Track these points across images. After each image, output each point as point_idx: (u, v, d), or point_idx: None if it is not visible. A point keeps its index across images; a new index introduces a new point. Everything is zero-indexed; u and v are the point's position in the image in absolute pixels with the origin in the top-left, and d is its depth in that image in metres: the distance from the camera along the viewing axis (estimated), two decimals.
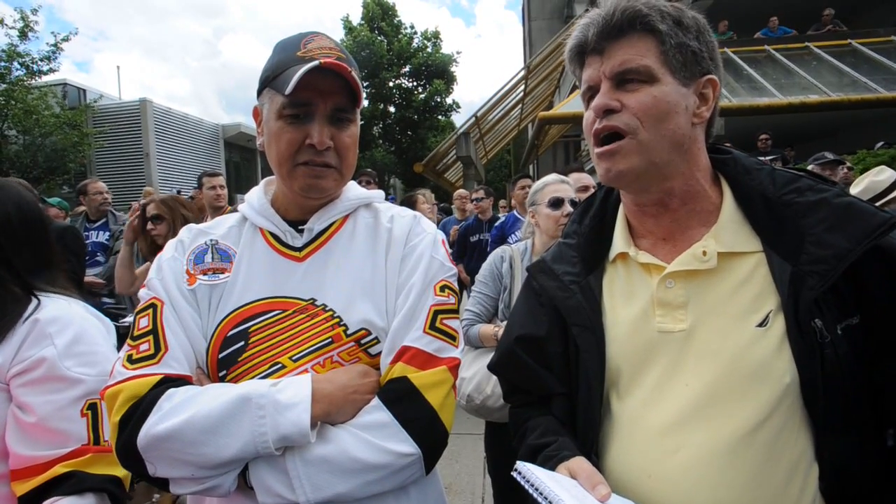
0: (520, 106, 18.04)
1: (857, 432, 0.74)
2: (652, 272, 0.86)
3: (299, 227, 1.01)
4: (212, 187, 3.93)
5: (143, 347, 0.88)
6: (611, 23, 0.81)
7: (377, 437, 0.83)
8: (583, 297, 0.91)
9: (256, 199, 1.06)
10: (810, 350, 0.73)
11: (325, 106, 0.93)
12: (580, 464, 0.80)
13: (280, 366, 0.90)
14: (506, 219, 4.70)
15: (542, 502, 0.68)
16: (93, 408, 1.04)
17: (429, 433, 0.87)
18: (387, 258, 1.00)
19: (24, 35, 12.29)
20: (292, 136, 0.93)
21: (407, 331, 0.92)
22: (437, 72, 25.61)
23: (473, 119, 14.88)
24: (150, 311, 0.91)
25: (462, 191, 6.63)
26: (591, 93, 0.85)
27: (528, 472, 0.72)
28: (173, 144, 17.81)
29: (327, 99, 0.93)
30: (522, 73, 15.12)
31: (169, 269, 0.97)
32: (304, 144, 0.93)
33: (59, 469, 0.97)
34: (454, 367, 0.94)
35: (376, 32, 24.81)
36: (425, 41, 26.13)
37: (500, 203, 8.78)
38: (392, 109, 26.04)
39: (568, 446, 0.85)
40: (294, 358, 0.91)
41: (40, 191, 11.47)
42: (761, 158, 0.97)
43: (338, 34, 22.70)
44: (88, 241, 4.30)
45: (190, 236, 1.03)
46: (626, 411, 0.85)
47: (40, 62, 12.66)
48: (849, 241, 0.73)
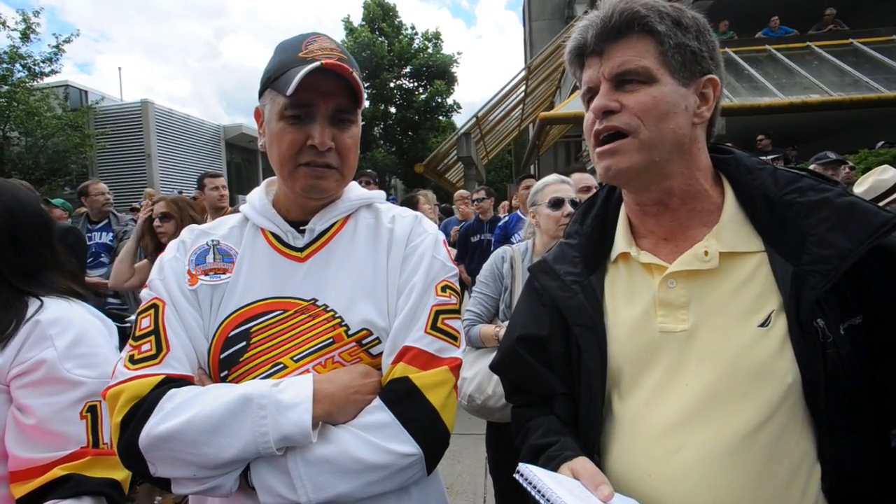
0: (521, 106, 18.05)
1: (860, 433, 0.74)
2: (654, 272, 0.86)
3: (301, 228, 1.01)
4: (214, 188, 3.95)
5: (145, 348, 0.88)
6: (609, 24, 0.81)
7: (378, 437, 0.83)
8: (584, 297, 0.91)
9: (258, 199, 1.06)
10: (812, 350, 0.73)
11: (326, 107, 0.93)
12: (583, 464, 0.80)
13: (281, 366, 0.90)
14: (509, 218, 4.70)
15: None
16: (92, 410, 1.03)
17: (430, 433, 0.87)
18: (388, 258, 1.00)
19: (25, 37, 12.32)
20: (294, 137, 0.93)
21: (408, 331, 0.92)
22: (438, 72, 25.62)
23: (474, 119, 14.90)
24: (152, 311, 0.91)
25: (462, 191, 6.60)
26: (591, 94, 0.86)
27: (530, 474, 0.72)
28: (175, 145, 17.85)
29: (329, 100, 0.93)
30: (523, 73, 15.14)
31: (171, 269, 0.97)
32: (305, 145, 0.94)
33: (58, 472, 0.96)
34: (456, 367, 0.94)
35: (377, 33, 24.85)
36: (426, 42, 26.16)
37: (501, 204, 8.76)
38: (393, 110, 26.07)
39: (570, 446, 0.85)
40: (295, 358, 0.91)
41: (42, 192, 11.49)
42: (763, 158, 0.97)
43: (338, 35, 22.69)
44: (91, 242, 4.31)
45: (192, 237, 1.03)
46: (628, 411, 0.85)
47: (42, 64, 12.69)
48: (851, 241, 0.73)
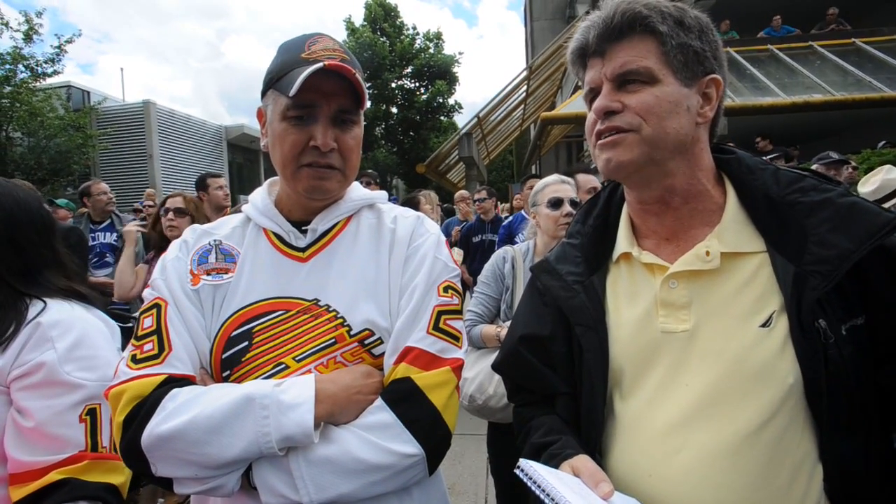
0: (522, 106, 18.03)
1: (862, 433, 0.74)
2: (655, 272, 0.86)
3: (303, 228, 1.01)
4: (219, 187, 3.98)
5: (147, 347, 0.88)
6: (611, 25, 0.81)
7: (380, 437, 0.83)
8: (586, 296, 0.91)
9: (260, 199, 1.06)
10: (814, 350, 0.73)
11: (328, 107, 0.93)
12: (584, 462, 0.80)
13: (284, 366, 0.90)
14: (513, 218, 4.70)
15: (544, 499, 0.68)
16: (92, 413, 1.02)
17: (432, 434, 0.87)
18: (390, 259, 1.00)
19: (28, 38, 12.35)
20: (296, 138, 0.93)
21: (410, 331, 0.92)
22: (440, 72, 25.61)
23: (476, 120, 14.90)
24: (154, 311, 0.92)
25: (463, 192, 6.59)
26: (594, 94, 0.86)
27: (531, 470, 0.72)
28: (177, 146, 17.86)
29: (331, 100, 0.93)
30: (524, 73, 15.12)
31: (173, 269, 0.97)
32: (307, 146, 0.94)
33: (55, 476, 0.96)
34: (458, 367, 0.94)
35: (379, 33, 24.86)
36: (427, 42, 26.16)
37: (503, 205, 8.75)
38: (394, 110, 26.06)
39: (571, 445, 0.85)
40: (297, 358, 0.91)
41: (45, 192, 11.52)
42: (763, 157, 0.97)
43: (340, 35, 22.64)
44: (95, 242, 4.32)
45: (194, 237, 1.03)
46: (630, 411, 0.85)
47: (45, 64, 12.71)
48: (852, 242, 0.72)
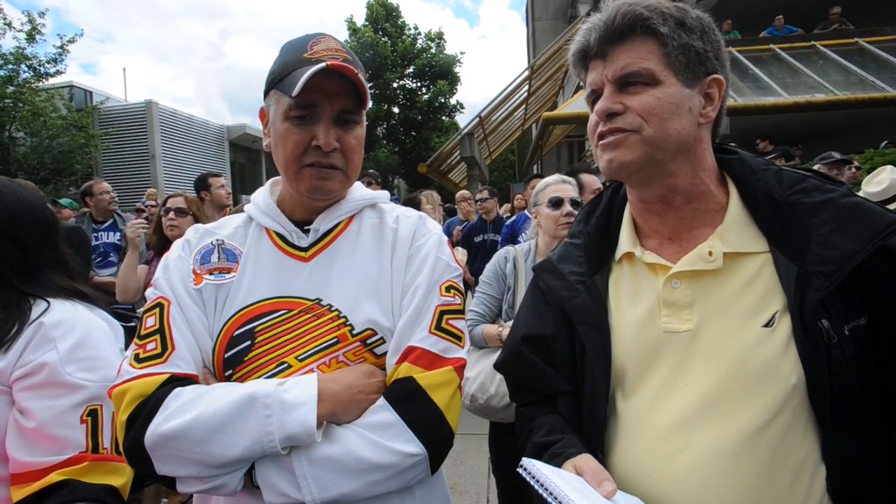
0: (524, 106, 18.02)
1: (864, 433, 0.74)
2: (658, 272, 0.86)
3: (305, 228, 1.01)
4: (221, 186, 3.99)
5: (150, 346, 0.88)
6: (612, 27, 0.81)
7: (383, 436, 0.84)
8: (588, 296, 0.91)
9: (262, 199, 1.06)
10: (816, 350, 0.73)
11: (331, 107, 0.94)
12: (587, 461, 0.80)
13: (286, 365, 0.90)
14: (517, 218, 4.70)
15: (547, 498, 0.68)
16: (93, 414, 1.02)
17: (434, 433, 0.87)
18: (392, 258, 1.00)
19: (31, 38, 12.38)
20: (299, 138, 0.94)
21: (413, 331, 0.92)
22: (441, 72, 25.61)
23: (477, 119, 14.90)
24: (157, 310, 0.92)
25: (465, 192, 6.59)
26: (595, 96, 0.86)
27: (534, 469, 0.72)
28: (179, 146, 17.89)
29: (333, 100, 0.93)
30: (526, 73, 15.10)
31: (175, 268, 0.97)
32: (310, 146, 0.94)
33: (54, 477, 0.95)
34: (460, 367, 0.94)
35: (380, 33, 24.85)
36: (429, 42, 26.15)
37: (505, 205, 8.73)
38: (396, 110, 26.05)
39: (574, 444, 0.85)
40: (300, 358, 0.91)
41: (47, 192, 11.55)
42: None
43: (342, 35, 22.66)
44: (98, 242, 4.33)
45: (196, 236, 1.03)
46: (632, 411, 0.85)
47: (47, 64, 12.74)
48: (855, 242, 0.73)
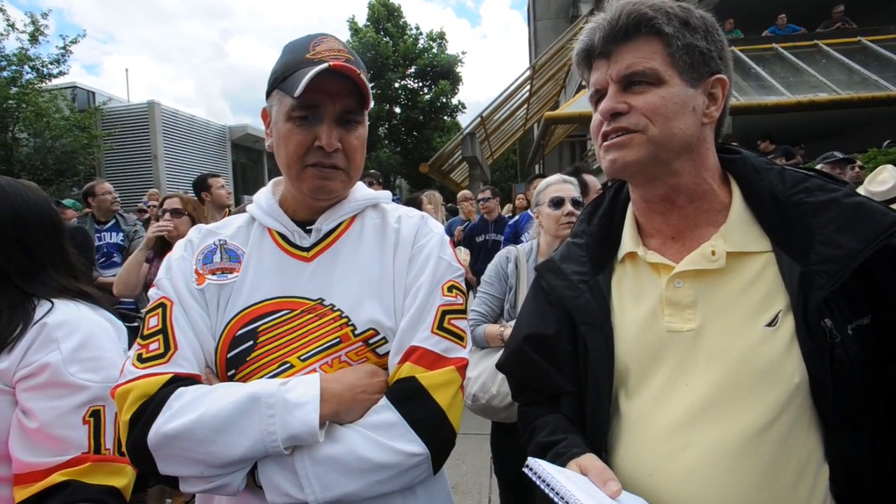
0: (525, 106, 18.02)
1: (868, 433, 0.74)
2: (661, 272, 0.86)
3: (307, 228, 1.01)
4: (221, 186, 4.00)
5: (153, 347, 0.88)
6: (616, 27, 0.80)
7: (385, 436, 0.84)
8: (591, 296, 0.91)
9: (265, 199, 1.06)
10: (820, 350, 0.72)
11: (333, 108, 0.94)
12: (591, 461, 0.80)
13: (288, 365, 0.91)
14: (520, 217, 4.70)
15: (553, 498, 0.68)
16: (95, 415, 1.02)
17: (437, 433, 0.87)
18: (394, 258, 1.00)
19: (34, 39, 12.42)
20: (301, 138, 0.94)
21: (415, 331, 0.92)
22: (443, 72, 25.61)
23: (479, 119, 14.90)
24: (160, 310, 0.92)
25: (466, 192, 6.60)
26: (599, 96, 0.86)
27: (539, 468, 0.72)
28: (181, 146, 17.93)
29: (336, 101, 0.93)
30: (528, 73, 15.10)
31: (178, 268, 0.98)
32: (312, 146, 0.94)
33: (56, 477, 0.95)
34: (462, 367, 0.94)
35: (382, 33, 24.88)
36: (431, 42, 26.16)
37: (506, 205, 8.73)
38: (398, 110, 26.07)
39: (577, 444, 0.85)
40: (302, 357, 0.91)
41: (50, 193, 11.59)
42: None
43: (343, 36, 22.70)
44: (101, 242, 4.34)
45: (199, 236, 1.04)
46: (635, 410, 0.85)
47: (50, 65, 12.78)
48: (859, 242, 0.72)
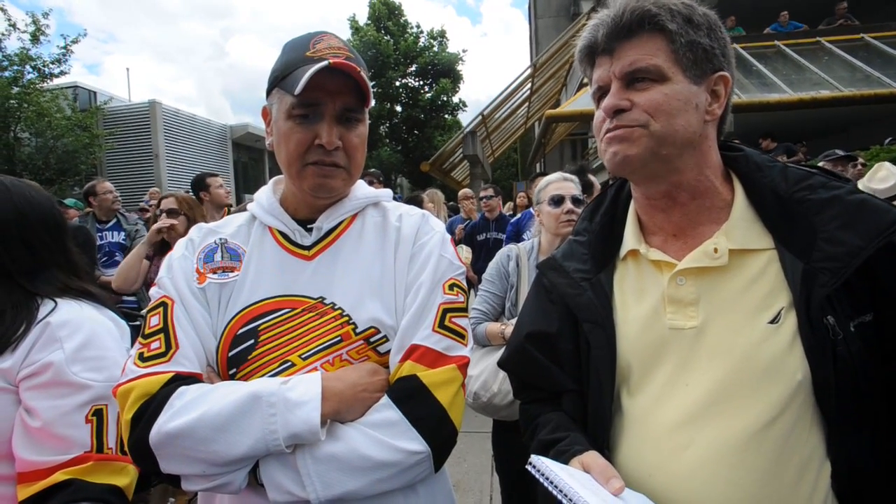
0: (526, 104, 17.99)
1: (870, 430, 0.74)
2: (663, 269, 0.86)
3: (308, 226, 1.01)
4: (220, 186, 4.01)
5: (154, 345, 0.88)
6: (620, 23, 0.80)
7: (387, 435, 0.84)
8: (593, 294, 0.91)
9: (265, 198, 1.06)
10: (822, 347, 0.72)
11: (333, 106, 0.93)
12: (594, 458, 0.80)
13: (290, 364, 0.91)
14: (522, 216, 4.70)
15: (556, 495, 0.68)
16: (98, 414, 1.02)
17: (438, 431, 0.87)
18: (395, 257, 1.00)
19: (35, 39, 12.43)
20: (301, 137, 0.94)
21: (416, 329, 0.92)
22: (444, 71, 25.58)
23: (480, 118, 14.88)
24: (161, 309, 0.92)
25: (467, 190, 6.60)
26: (602, 92, 0.85)
27: (543, 466, 0.72)
28: (182, 145, 17.97)
29: (336, 99, 0.93)
30: (529, 71, 15.07)
31: (179, 267, 0.98)
32: (313, 144, 0.94)
33: (59, 476, 0.95)
34: (463, 365, 0.94)
35: (383, 32, 24.84)
36: (431, 40, 26.11)
37: (507, 203, 8.72)
38: (398, 108, 26.04)
39: (580, 441, 0.85)
40: (303, 356, 0.91)
41: (52, 192, 11.61)
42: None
43: (344, 34, 22.68)
44: (103, 241, 4.35)
45: (200, 235, 1.04)
46: (637, 408, 0.85)
47: (51, 65, 12.80)
48: (861, 239, 0.72)
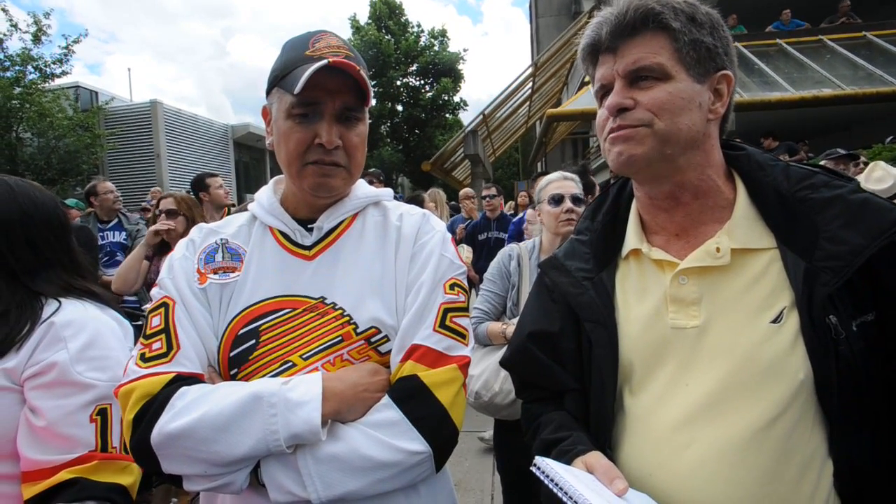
0: (528, 103, 17.97)
1: (872, 430, 0.74)
2: (665, 269, 0.86)
3: (309, 226, 1.01)
4: (219, 186, 4.01)
5: (156, 346, 0.89)
6: (624, 21, 0.80)
7: (387, 435, 0.84)
8: (595, 293, 0.90)
9: (266, 198, 1.06)
10: (824, 346, 0.72)
11: (333, 105, 0.93)
12: (597, 458, 0.80)
13: (291, 364, 0.91)
14: (524, 215, 4.69)
15: (561, 496, 0.68)
16: (102, 413, 1.03)
17: (439, 431, 0.87)
18: (396, 256, 1.00)
19: (37, 39, 12.46)
20: (301, 136, 0.93)
21: (417, 329, 0.92)
22: (445, 70, 25.55)
23: (481, 117, 14.85)
24: (162, 310, 0.92)
25: (468, 189, 6.61)
26: (605, 91, 0.85)
27: (547, 468, 0.72)
28: (183, 145, 18.01)
29: (336, 98, 0.93)
30: (530, 70, 15.05)
31: (180, 268, 0.98)
32: (313, 143, 0.94)
33: (64, 475, 0.96)
34: (464, 365, 0.93)
35: (383, 31, 24.82)
36: (432, 39, 26.08)
37: (508, 202, 8.72)
38: (399, 108, 26.02)
39: (583, 441, 0.85)
40: (304, 356, 0.91)
41: (54, 192, 11.62)
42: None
43: (345, 34, 22.66)
44: (104, 241, 4.37)
45: (200, 235, 1.04)
46: (640, 407, 0.85)
47: (53, 65, 12.83)
48: (864, 238, 0.72)
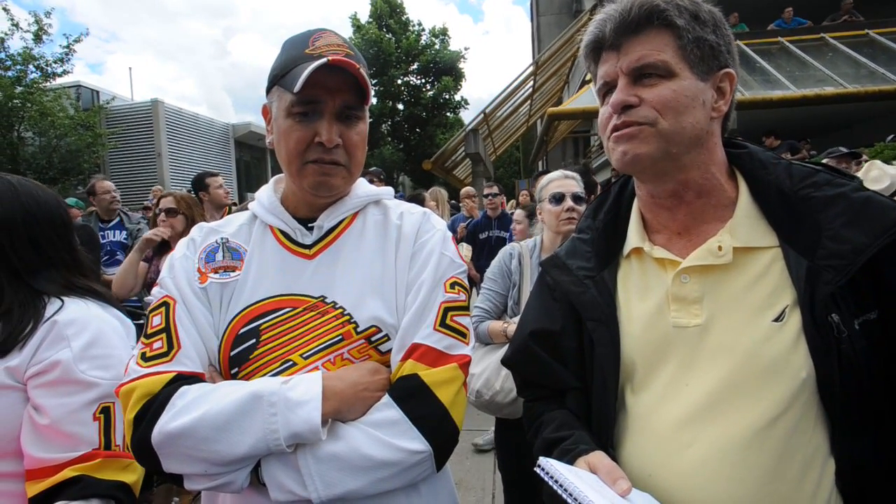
0: (529, 102, 17.94)
1: (874, 428, 0.73)
2: (667, 267, 0.86)
3: (309, 225, 1.01)
4: (219, 186, 4.01)
5: (157, 345, 0.89)
6: (628, 18, 0.79)
7: (388, 434, 0.83)
8: (597, 291, 0.90)
9: (266, 197, 1.06)
10: (826, 345, 0.72)
11: (333, 103, 0.93)
12: (600, 458, 0.80)
13: (291, 363, 0.91)
14: None
15: (564, 497, 0.68)
16: (106, 411, 1.04)
17: (439, 430, 0.87)
18: (396, 255, 1.00)
19: (38, 38, 12.48)
20: (301, 134, 0.93)
21: (417, 328, 0.92)
22: (446, 69, 25.51)
23: (482, 116, 14.83)
24: (163, 309, 0.92)
25: (469, 188, 6.61)
26: (607, 89, 0.84)
27: (551, 468, 0.72)
28: (185, 144, 18.03)
29: (336, 96, 0.93)
30: (531, 68, 15.03)
31: (181, 267, 0.98)
32: (312, 142, 0.93)
33: (68, 473, 0.97)
34: (465, 364, 0.93)
35: (384, 30, 24.79)
36: (433, 38, 26.04)
37: (510, 201, 8.73)
38: (400, 107, 25.99)
39: (585, 440, 0.85)
40: (305, 355, 0.91)
41: (56, 191, 11.67)
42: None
43: (346, 32, 22.62)
44: (105, 240, 4.37)
45: (201, 235, 1.04)
46: (641, 406, 0.85)
47: (54, 64, 12.85)
48: (867, 237, 0.72)
